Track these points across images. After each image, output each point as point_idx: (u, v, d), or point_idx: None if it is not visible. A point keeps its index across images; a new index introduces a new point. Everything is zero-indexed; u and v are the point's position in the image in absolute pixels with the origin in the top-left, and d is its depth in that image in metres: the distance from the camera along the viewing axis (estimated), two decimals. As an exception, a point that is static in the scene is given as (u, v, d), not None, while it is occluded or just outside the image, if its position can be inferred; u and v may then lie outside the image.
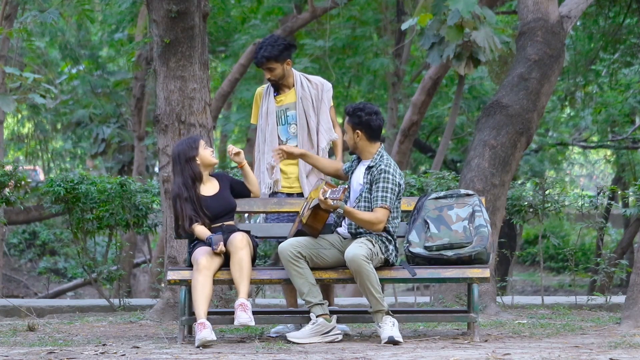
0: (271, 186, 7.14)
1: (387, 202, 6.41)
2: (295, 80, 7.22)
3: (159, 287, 10.91)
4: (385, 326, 6.27)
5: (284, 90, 7.24)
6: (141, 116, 17.80)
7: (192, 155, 6.72)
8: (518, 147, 8.82)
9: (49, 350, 6.02)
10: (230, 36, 18.31)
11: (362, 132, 6.54)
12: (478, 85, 19.04)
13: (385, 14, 17.77)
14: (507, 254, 10.85)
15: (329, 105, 7.23)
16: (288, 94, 7.22)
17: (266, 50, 7.08)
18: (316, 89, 7.22)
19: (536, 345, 6.12)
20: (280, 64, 7.12)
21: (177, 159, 6.74)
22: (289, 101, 7.21)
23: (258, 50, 7.14)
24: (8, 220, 13.55)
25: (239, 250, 6.43)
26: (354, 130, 6.55)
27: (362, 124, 6.53)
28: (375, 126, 6.56)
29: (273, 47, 7.08)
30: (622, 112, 18.97)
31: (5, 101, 10.10)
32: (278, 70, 7.13)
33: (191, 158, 6.71)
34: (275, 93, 7.25)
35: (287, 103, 7.20)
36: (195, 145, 6.75)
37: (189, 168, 6.70)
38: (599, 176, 31.71)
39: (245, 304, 6.33)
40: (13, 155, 23.14)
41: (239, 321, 6.29)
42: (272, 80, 7.19)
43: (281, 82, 7.19)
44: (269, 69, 7.14)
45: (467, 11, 9.42)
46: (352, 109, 6.57)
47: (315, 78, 7.29)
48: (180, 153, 6.74)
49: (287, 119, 7.20)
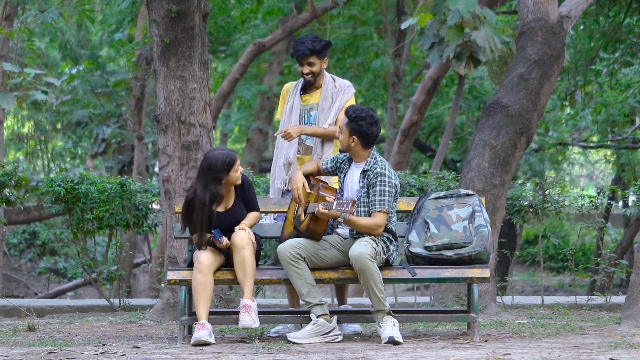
0: (287, 182, 7.15)
1: (385, 206, 6.42)
2: (324, 82, 7.21)
3: (159, 287, 10.91)
4: (385, 326, 6.27)
5: (311, 90, 7.24)
6: (141, 116, 17.80)
7: (220, 177, 6.48)
8: (518, 147, 8.82)
9: (49, 350, 6.02)
10: (230, 36, 18.33)
11: (359, 139, 6.53)
12: (478, 85, 19.04)
13: (386, 14, 17.78)
14: (507, 254, 10.85)
15: (339, 104, 7.16)
16: (314, 94, 7.22)
17: (310, 44, 7.07)
18: (337, 90, 7.20)
19: (536, 345, 6.12)
20: (320, 60, 7.13)
21: (207, 171, 6.48)
22: (314, 101, 7.20)
23: (300, 44, 7.10)
24: (8, 220, 13.55)
25: (241, 250, 6.41)
26: (350, 135, 6.53)
27: (361, 132, 6.51)
28: (373, 136, 6.55)
29: (315, 42, 7.09)
30: (622, 112, 18.98)
31: (5, 99, 10.10)
32: (317, 66, 7.12)
33: (218, 179, 6.48)
34: (301, 92, 7.25)
35: (311, 103, 7.20)
36: (228, 168, 6.48)
37: (212, 187, 6.48)
38: (599, 176, 31.72)
39: (249, 306, 6.32)
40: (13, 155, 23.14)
41: (242, 324, 6.31)
42: (308, 76, 7.14)
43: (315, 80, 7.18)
44: (309, 64, 7.11)
45: (467, 11, 9.41)
46: (354, 115, 6.51)
47: (340, 80, 7.28)
48: (211, 167, 6.47)
49: (309, 119, 7.20)
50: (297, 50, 7.09)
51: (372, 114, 6.54)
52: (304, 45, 7.07)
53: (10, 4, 12.05)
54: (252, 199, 6.71)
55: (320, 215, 6.32)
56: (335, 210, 6.24)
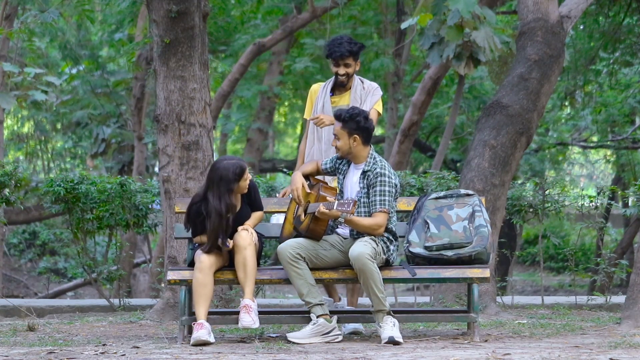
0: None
1: (385, 206, 6.42)
2: (353, 84, 7.26)
3: (159, 287, 10.91)
4: (385, 326, 6.27)
5: (340, 91, 7.28)
6: (141, 116, 17.80)
7: (232, 188, 6.48)
8: (518, 147, 8.82)
9: (49, 350, 6.02)
10: (230, 36, 18.32)
11: (360, 137, 6.53)
12: (478, 85, 19.04)
13: (386, 14, 17.78)
14: (507, 254, 10.85)
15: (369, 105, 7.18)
16: (343, 96, 7.27)
17: (347, 45, 7.13)
18: (366, 91, 7.24)
19: (536, 345, 6.12)
20: (355, 62, 7.19)
21: (218, 182, 6.46)
22: (343, 103, 7.24)
23: (336, 45, 7.14)
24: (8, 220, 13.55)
25: (243, 250, 6.41)
26: (350, 136, 6.53)
27: (360, 129, 6.52)
28: (371, 130, 6.59)
29: (352, 44, 7.16)
30: (622, 112, 18.98)
31: (4, 98, 10.10)
32: (352, 68, 7.18)
33: (230, 190, 6.48)
34: (331, 93, 7.29)
35: (340, 105, 7.22)
36: (237, 179, 6.48)
37: (227, 198, 6.46)
38: (599, 176, 31.71)
39: (249, 306, 6.33)
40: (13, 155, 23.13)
41: (242, 324, 6.31)
42: (343, 77, 7.19)
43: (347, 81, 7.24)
44: (346, 65, 7.16)
45: (467, 11, 9.42)
46: (347, 115, 6.51)
47: (368, 82, 7.34)
48: (222, 178, 6.46)
49: None
50: (336, 51, 7.13)
51: (362, 109, 6.60)
52: (342, 47, 7.12)
53: (10, 4, 12.06)
54: (257, 200, 6.73)
55: (321, 215, 6.33)
56: (336, 210, 6.25)
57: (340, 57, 7.12)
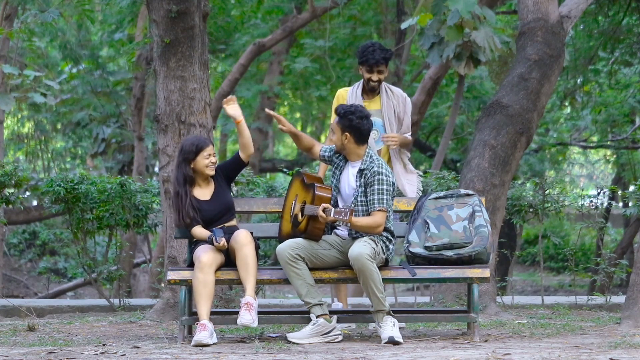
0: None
1: (384, 205, 6.42)
2: (381, 89, 7.43)
3: (159, 287, 10.91)
4: (385, 326, 6.27)
5: (369, 96, 7.44)
6: (141, 116, 17.80)
7: (189, 158, 6.69)
8: (518, 147, 8.82)
9: (49, 350, 6.02)
10: (230, 36, 18.32)
11: (351, 135, 6.53)
12: (478, 85, 19.03)
13: (386, 14, 17.78)
14: (507, 254, 10.85)
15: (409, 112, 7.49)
16: (373, 101, 7.42)
17: (381, 52, 7.31)
18: (397, 100, 7.44)
19: (536, 345, 6.12)
20: (386, 68, 7.38)
21: (179, 153, 6.77)
22: (374, 107, 7.40)
23: (370, 52, 7.30)
24: (8, 220, 13.55)
25: (243, 247, 6.42)
26: (342, 132, 6.54)
27: (352, 127, 6.52)
28: (365, 130, 6.55)
29: (385, 51, 7.35)
30: (622, 112, 18.97)
31: (3, 100, 10.10)
32: (385, 74, 7.37)
33: (187, 160, 6.70)
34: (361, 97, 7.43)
35: (372, 109, 7.30)
36: (197, 150, 6.69)
37: (184, 167, 6.70)
38: (599, 176, 31.72)
39: (251, 304, 6.32)
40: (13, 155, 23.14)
41: (241, 321, 6.30)
42: (375, 83, 7.37)
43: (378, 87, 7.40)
44: (379, 71, 7.34)
45: (467, 11, 9.41)
46: (343, 111, 6.54)
47: (396, 89, 7.52)
48: (182, 149, 6.73)
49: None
50: (371, 58, 7.30)
51: (361, 109, 6.58)
52: (376, 54, 7.30)
53: (10, 4, 12.06)
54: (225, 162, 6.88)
55: (321, 219, 6.34)
56: (333, 217, 6.26)
57: (375, 64, 7.29)
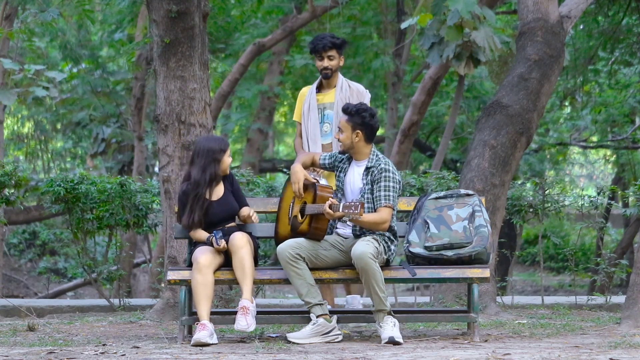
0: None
1: (390, 201, 6.41)
2: (338, 82, 7.42)
3: (159, 287, 10.91)
4: (386, 326, 6.27)
5: (325, 89, 7.44)
6: (141, 116, 17.80)
7: (219, 158, 6.65)
8: (518, 147, 8.82)
9: (49, 350, 6.02)
10: (230, 36, 18.31)
11: (362, 133, 6.53)
12: (478, 85, 19.03)
13: (386, 14, 17.78)
14: (507, 254, 10.85)
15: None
16: (328, 94, 7.42)
17: (330, 38, 7.35)
18: (352, 93, 7.39)
19: (536, 345, 6.12)
20: (339, 56, 7.37)
21: (204, 154, 6.65)
22: (328, 100, 7.39)
23: (319, 39, 7.34)
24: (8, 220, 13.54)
25: (240, 250, 6.42)
26: (353, 130, 6.53)
27: (365, 125, 6.52)
28: (375, 129, 6.60)
29: (335, 38, 7.38)
30: (622, 112, 18.97)
31: (5, 95, 10.10)
32: (336, 61, 7.36)
33: (217, 160, 6.65)
34: (316, 90, 7.44)
35: (325, 102, 7.38)
36: (224, 149, 6.69)
37: (213, 167, 6.64)
38: (599, 176, 31.71)
39: (247, 307, 6.30)
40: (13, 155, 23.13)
41: (237, 327, 6.29)
42: (326, 70, 7.36)
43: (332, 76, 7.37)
44: (329, 57, 7.34)
45: (466, 11, 9.42)
46: (354, 109, 6.53)
47: (355, 84, 7.49)
48: (209, 150, 6.65)
49: (323, 117, 7.39)
50: (318, 43, 7.33)
51: (370, 107, 6.63)
52: (325, 39, 7.34)
53: (10, 4, 12.05)
54: (241, 192, 6.86)
55: (328, 216, 6.30)
56: (342, 212, 6.23)
57: (323, 48, 7.30)
